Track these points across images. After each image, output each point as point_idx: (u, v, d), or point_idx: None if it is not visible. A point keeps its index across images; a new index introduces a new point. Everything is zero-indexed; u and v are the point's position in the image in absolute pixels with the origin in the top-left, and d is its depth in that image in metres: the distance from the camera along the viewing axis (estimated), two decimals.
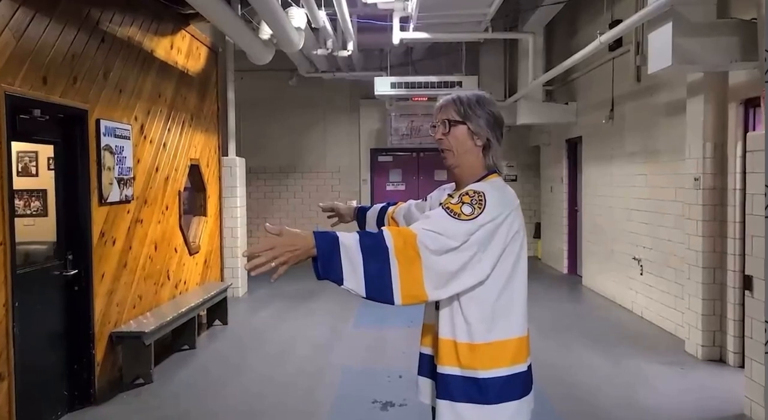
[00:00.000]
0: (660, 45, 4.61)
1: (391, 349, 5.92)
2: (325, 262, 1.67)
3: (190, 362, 5.55)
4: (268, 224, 1.76)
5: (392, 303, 1.72)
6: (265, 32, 7.24)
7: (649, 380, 4.96)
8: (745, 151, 4.96)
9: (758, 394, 4.01)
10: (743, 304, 5.07)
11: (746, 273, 4.19)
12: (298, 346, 6.05)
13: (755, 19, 4.21)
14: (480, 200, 1.80)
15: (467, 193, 1.83)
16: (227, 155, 8.25)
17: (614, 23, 6.51)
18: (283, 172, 12.43)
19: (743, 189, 5.05)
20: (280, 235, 1.67)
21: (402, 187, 12.53)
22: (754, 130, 4.96)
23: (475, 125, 1.97)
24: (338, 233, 1.71)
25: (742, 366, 5.01)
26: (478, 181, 1.94)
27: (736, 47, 4.43)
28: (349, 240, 1.69)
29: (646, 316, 6.84)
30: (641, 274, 6.89)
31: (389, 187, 12.54)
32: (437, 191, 2.29)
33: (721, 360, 5.34)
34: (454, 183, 2.13)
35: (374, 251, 1.70)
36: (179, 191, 6.34)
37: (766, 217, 2.12)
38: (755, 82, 4.61)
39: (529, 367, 1.95)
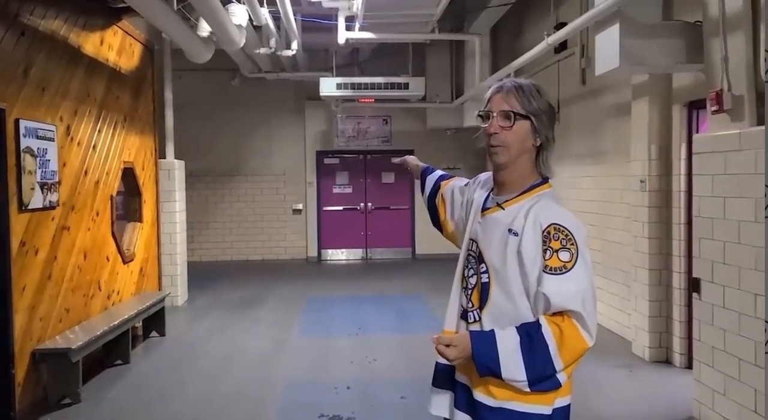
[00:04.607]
0: (607, 46, 4.56)
1: (338, 359, 5.72)
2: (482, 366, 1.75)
3: (123, 379, 5.20)
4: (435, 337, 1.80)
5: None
6: (204, 29, 6.94)
7: (599, 384, 4.92)
8: (690, 154, 4.99)
9: (708, 398, 4.00)
10: (689, 306, 5.11)
11: (694, 276, 4.18)
12: (240, 358, 5.77)
13: (700, 21, 4.21)
14: (567, 236, 1.72)
15: (551, 236, 1.72)
16: (165, 158, 7.88)
17: (559, 26, 6.49)
18: (226, 176, 12.05)
19: (688, 191, 5.09)
20: (452, 343, 1.76)
21: (349, 190, 12.33)
22: (697, 132, 4.99)
23: (539, 122, 1.80)
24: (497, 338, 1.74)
25: (688, 367, 5.04)
26: (530, 190, 1.82)
27: (681, 49, 4.43)
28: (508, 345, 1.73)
29: None
30: None
31: (336, 190, 12.33)
32: (477, 186, 2.08)
33: (668, 361, 5.36)
34: (490, 177, 1.97)
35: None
36: (111, 196, 5.97)
37: (766, 217, 2.04)
38: (699, 85, 4.62)
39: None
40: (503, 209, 1.84)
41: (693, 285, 4.15)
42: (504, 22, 9.03)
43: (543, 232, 1.72)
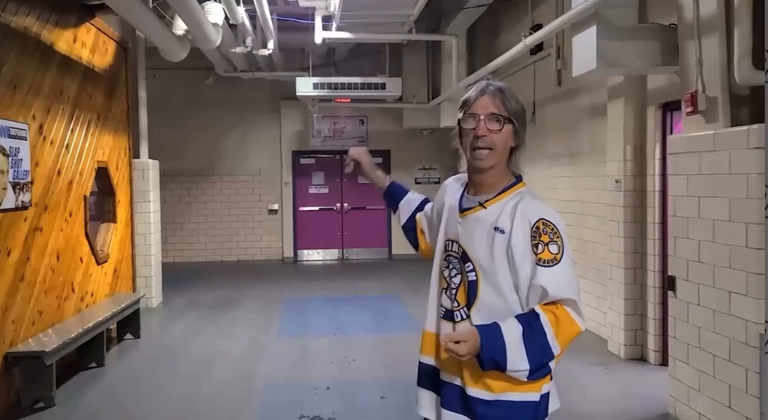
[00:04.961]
0: (584, 48, 4.62)
1: (317, 359, 5.69)
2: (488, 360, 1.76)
3: (98, 382, 5.11)
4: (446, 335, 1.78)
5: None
6: (180, 27, 6.86)
7: (577, 382, 4.97)
8: (664, 154, 5.08)
9: (683, 394, 4.07)
10: (663, 303, 5.19)
11: (669, 274, 4.25)
12: (218, 360, 5.71)
13: (674, 24, 4.28)
14: (553, 230, 1.80)
15: (540, 231, 1.79)
16: (139, 157, 7.77)
17: (535, 27, 6.55)
18: (200, 175, 11.92)
19: (662, 191, 5.18)
20: (462, 340, 1.72)
21: (325, 190, 12.30)
22: (671, 133, 5.08)
23: (519, 124, 1.86)
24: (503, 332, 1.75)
25: (663, 364, 5.13)
26: (509, 189, 1.88)
27: (657, 52, 4.50)
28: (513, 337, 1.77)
29: None
30: None
31: (312, 190, 12.28)
32: (445, 191, 2.08)
33: (642, 358, 5.45)
34: (460, 176, 2.02)
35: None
36: (85, 196, 5.86)
37: (766, 217, 2.09)
38: (673, 87, 4.70)
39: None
40: (485, 208, 1.87)
41: (669, 283, 4.22)
42: (480, 23, 9.09)
43: (532, 227, 1.79)
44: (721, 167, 3.62)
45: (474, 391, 1.83)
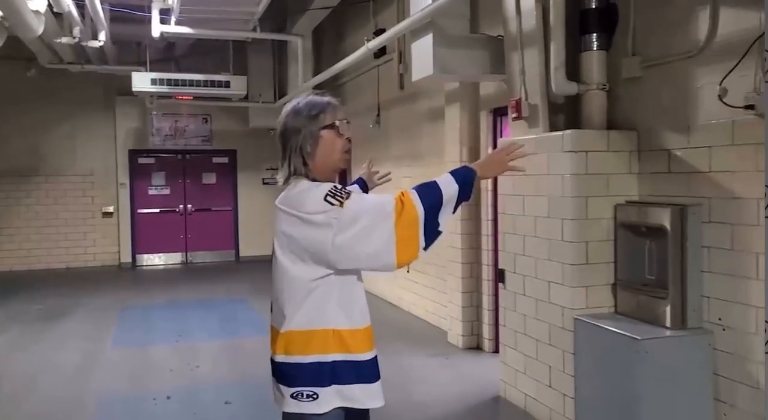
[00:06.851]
0: (422, 54, 4.83)
1: (157, 369, 5.42)
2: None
3: None
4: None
5: None
6: None
7: (417, 373, 5.20)
8: None
9: (511, 377, 4.41)
10: (495, 295, 5.58)
11: (499, 267, 4.58)
12: (45, 376, 5.23)
13: (501, 35, 4.62)
14: None
15: None
16: None
17: (378, 32, 6.74)
18: (22, 176, 10.85)
19: (494, 190, 5.56)
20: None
21: (167, 191, 11.73)
22: (501, 136, 5.48)
23: None
24: None
25: (496, 351, 5.50)
26: None
27: (486, 61, 4.81)
28: None
29: (413, 311, 7.21)
30: (408, 271, 7.23)
31: (152, 191, 11.67)
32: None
33: (479, 347, 5.81)
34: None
35: None
36: None
37: (766, 217, 2.28)
38: (502, 94, 5.07)
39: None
40: None
41: (499, 275, 4.54)
42: (326, 25, 9.18)
43: None
44: (541, 168, 3.97)
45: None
